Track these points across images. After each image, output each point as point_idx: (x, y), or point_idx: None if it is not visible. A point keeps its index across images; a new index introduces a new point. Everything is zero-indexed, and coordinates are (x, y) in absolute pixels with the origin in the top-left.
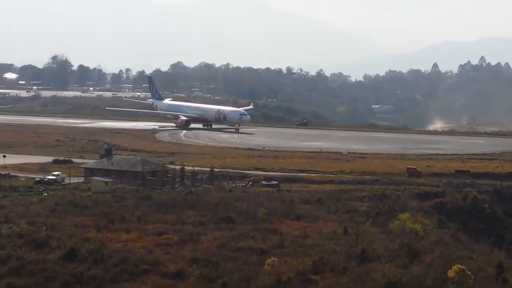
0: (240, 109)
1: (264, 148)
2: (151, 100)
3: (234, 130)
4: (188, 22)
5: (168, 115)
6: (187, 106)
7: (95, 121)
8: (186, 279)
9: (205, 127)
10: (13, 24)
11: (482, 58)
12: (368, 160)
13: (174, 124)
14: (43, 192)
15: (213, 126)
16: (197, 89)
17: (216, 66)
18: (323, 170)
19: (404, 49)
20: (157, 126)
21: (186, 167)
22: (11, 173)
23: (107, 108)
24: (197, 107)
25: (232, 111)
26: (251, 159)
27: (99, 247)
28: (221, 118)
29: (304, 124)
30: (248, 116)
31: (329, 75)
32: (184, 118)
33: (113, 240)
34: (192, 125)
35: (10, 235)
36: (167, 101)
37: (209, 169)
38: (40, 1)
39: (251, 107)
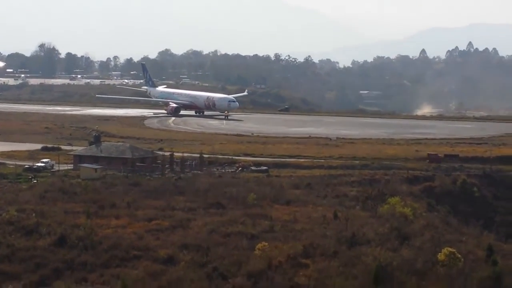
0: (230, 95)
1: (253, 134)
2: (145, 87)
3: (223, 117)
4: (175, 9)
5: (160, 102)
6: (178, 93)
7: (84, 108)
8: (176, 264)
9: (197, 114)
10: (0, 13)
11: (470, 43)
12: (357, 145)
13: (165, 111)
14: (32, 179)
15: (206, 113)
16: (185, 76)
17: (204, 53)
18: (312, 156)
19: (393, 36)
20: (152, 114)
21: (175, 154)
22: None
23: (96, 95)
24: (188, 94)
25: (220, 98)
26: (240, 145)
27: (89, 234)
28: (210, 105)
29: (286, 110)
30: (237, 103)
31: (317, 62)
32: (174, 105)
33: (103, 226)
34: (185, 112)
35: None
36: (160, 88)
37: (198, 155)
38: None
39: (245, 93)
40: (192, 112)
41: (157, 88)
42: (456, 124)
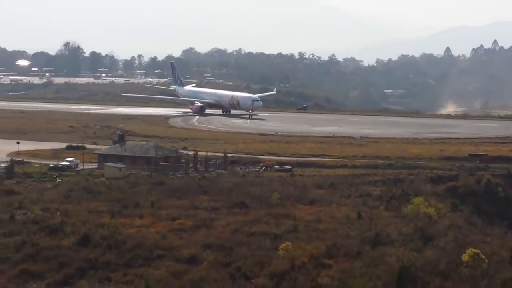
0: (254, 95)
1: (277, 133)
2: (173, 86)
3: (247, 116)
4: (199, 8)
5: (187, 102)
6: (204, 92)
7: (108, 107)
8: (199, 264)
9: (224, 113)
10: (25, 11)
11: (495, 42)
12: (381, 145)
13: (190, 110)
14: (57, 178)
15: (233, 112)
16: (209, 75)
17: (228, 51)
18: (336, 155)
19: (417, 34)
20: (178, 112)
21: (199, 153)
22: (25, 160)
23: (122, 94)
24: (214, 93)
25: (244, 97)
26: (264, 144)
27: (113, 233)
28: (235, 104)
29: (304, 109)
30: (261, 102)
31: (342, 60)
32: (199, 104)
33: (126, 226)
34: (212, 111)
35: (24, 221)
36: (188, 87)
37: (222, 154)
38: None
39: (273, 92)
40: (219, 111)
41: (185, 87)
42: (481, 123)
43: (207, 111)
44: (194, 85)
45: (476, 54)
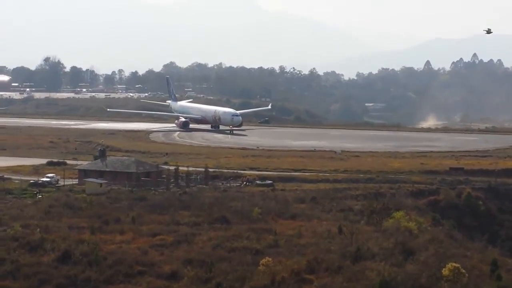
0: (237, 111)
1: (258, 147)
2: (168, 101)
3: (228, 131)
4: (180, 22)
5: (174, 117)
6: (192, 107)
7: (89, 122)
8: (180, 280)
9: (213, 128)
10: (5, 26)
11: (475, 55)
12: (362, 159)
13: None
14: (37, 194)
15: (221, 128)
16: (190, 89)
17: (209, 66)
18: (317, 169)
19: (397, 47)
20: (168, 127)
21: (180, 168)
22: (4, 176)
23: (108, 109)
24: (199, 109)
25: (225, 112)
26: (245, 158)
27: (94, 249)
28: (216, 119)
29: (266, 122)
30: (240, 117)
31: (322, 74)
32: (182, 119)
33: (107, 242)
34: (200, 126)
35: (4, 238)
36: (181, 102)
37: (203, 169)
38: (31, 2)
39: (269, 107)
40: (208, 127)
41: (178, 103)
42: (461, 137)
43: (195, 126)
44: (191, 100)
45: (456, 67)
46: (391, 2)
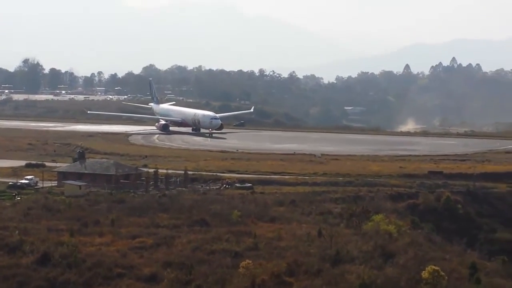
0: (217, 114)
1: (237, 150)
2: (151, 104)
3: (208, 134)
4: (160, 25)
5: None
6: (173, 110)
7: (67, 124)
8: (160, 282)
9: (194, 131)
10: None
11: (454, 59)
12: (342, 162)
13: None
14: (16, 196)
15: (202, 131)
16: (170, 92)
17: (189, 68)
18: (296, 172)
19: (377, 51)
20: (148, 130)
21: (160, 170)
22: None
23: (88, 112)
24: (180, 112)
25: (204, 115)
26: (225, 161)
27: (73, 251)
28: (196, 122)
29: (242, 125)
30: (219, 120)
31: (302, 77)
32: (162, 122)
33: (86, 244)
34: (182, 129)
35: None
36: (163, 105)
37: (182, 172)
38: (10, 3)
39: (251, 110)
40: (189, 129)
41: (160, 105)
42: (440, 141)
43: (176, 129)
44: (173, 103)
45: (435, 71)
46: (372, 7)
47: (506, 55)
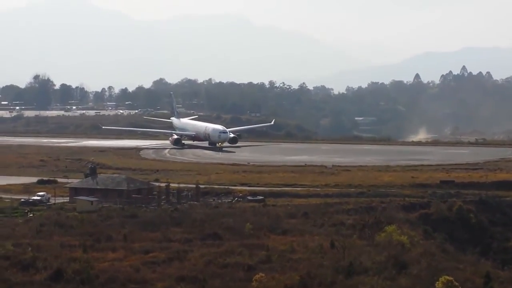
0: (220, 126)
1: (248, 163)
2: (172, 118)
3: (220, 148)
4: (169, 38)
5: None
6: (189, 124)
7: (79, 140)
8: None
9: (210, 145)
10: None
11: (464, 67)
12: (353, 173)
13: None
14: (28, 213)
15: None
16: (180, 105)
17: (199, 81)
18: (308, 184)
19: (386, 61)
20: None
21: (171, 184)
22: None
23: (103, 127)
24: (194, 125)
25: (213, 129)
26: (236, 174)
27: (86, 267)
28: (206, 136)
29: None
30: (227, 134)
31: (312, 88)
32: (175, 136)
33: (99, 260)
34: (198, 143)
35: None
36: (184, 119)
37: (194, 185)
38: (19, 20)
39: (271, 123)
40: (205, 144)
41: (180, 120)
42: (451, 150)
43: (191, 143)
44: (195, 117)
45: (445, 80)
46: (380, 16)
47: None
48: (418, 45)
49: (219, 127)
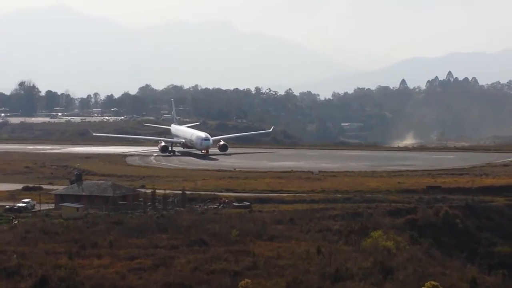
0: (203, 133)
1: (235, 169)
2: (172, 125)
3: (207, 155)
4: (155, 45)
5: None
6: (180, 131)
7: (64, 146)
8: None
9: (201, 153)
10: None
11: (450, 73)
12: (339, 179)
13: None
14: (13, 220)
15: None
16: (166, 112)
17: (185, 88)
18: (294, 190)
19: (373, 67)
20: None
21: (157, 191)
22: None
23: (94, 134)
24: (185, 132)
25: (197, 136)
26: (222, 180)
27: (71, 274)
28: (192, 143)
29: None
30: (210, 141)
31: (298, 94)
32: (162, 143)
33: (85, 267)
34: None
35: None
36: (178, 126)
37: (180, 192)
38: (4, 26)
39: (270, 130)
40: (195, 151)
41: (177, 126)
42: (438, 155)
43: (183, 150)
44: (195, 124)
45: (431, 85)
46: (366, 23)
47: (500, 67)
48: (404, 51)
49: (202, 134)
